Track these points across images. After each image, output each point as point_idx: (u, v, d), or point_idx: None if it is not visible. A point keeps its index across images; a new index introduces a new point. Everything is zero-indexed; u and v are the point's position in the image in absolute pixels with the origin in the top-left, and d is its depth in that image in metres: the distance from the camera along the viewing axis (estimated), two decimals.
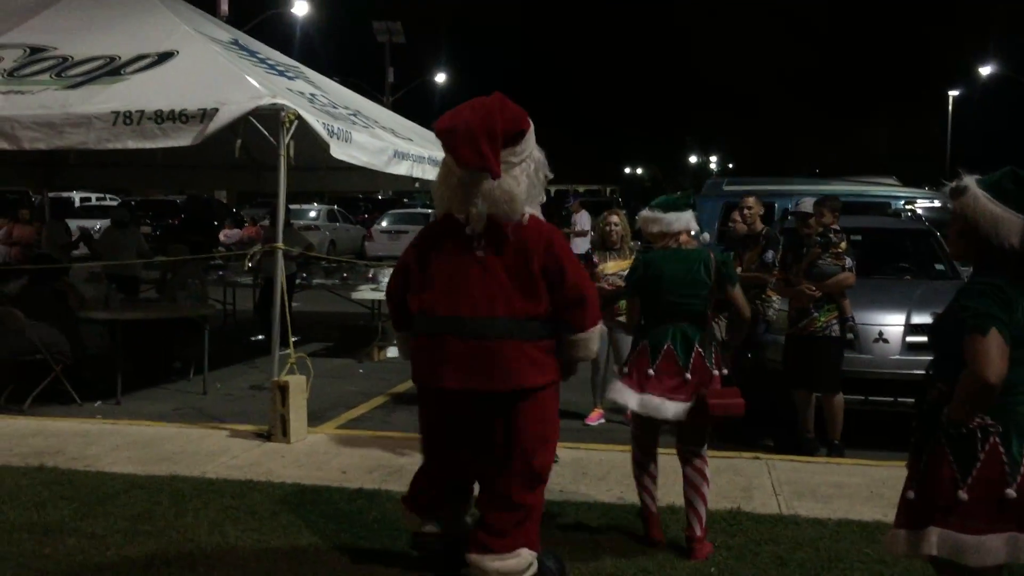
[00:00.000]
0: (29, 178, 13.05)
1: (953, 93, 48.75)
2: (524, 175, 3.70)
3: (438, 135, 3.80)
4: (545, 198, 4.00)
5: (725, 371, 4.64)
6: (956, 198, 2.90)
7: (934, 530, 2.83)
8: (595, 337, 3.92)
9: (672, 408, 4.50)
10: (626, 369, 4.68)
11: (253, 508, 5.06)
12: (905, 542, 2.93)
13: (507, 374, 3.73)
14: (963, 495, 2.78)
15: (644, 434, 4.78)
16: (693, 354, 4.54)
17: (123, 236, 10.88)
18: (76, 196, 26.51)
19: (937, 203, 11.83)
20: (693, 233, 4.94)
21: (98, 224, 22.28)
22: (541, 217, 3.86)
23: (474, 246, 3.72)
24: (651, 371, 4.54)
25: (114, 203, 24.24)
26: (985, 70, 40.86)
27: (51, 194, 14.30)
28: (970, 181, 2.87)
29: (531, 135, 3.77)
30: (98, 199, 26.62)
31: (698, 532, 4.57)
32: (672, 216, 4.71)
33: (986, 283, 2.78)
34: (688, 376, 4.51)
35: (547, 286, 3.73)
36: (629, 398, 4.58)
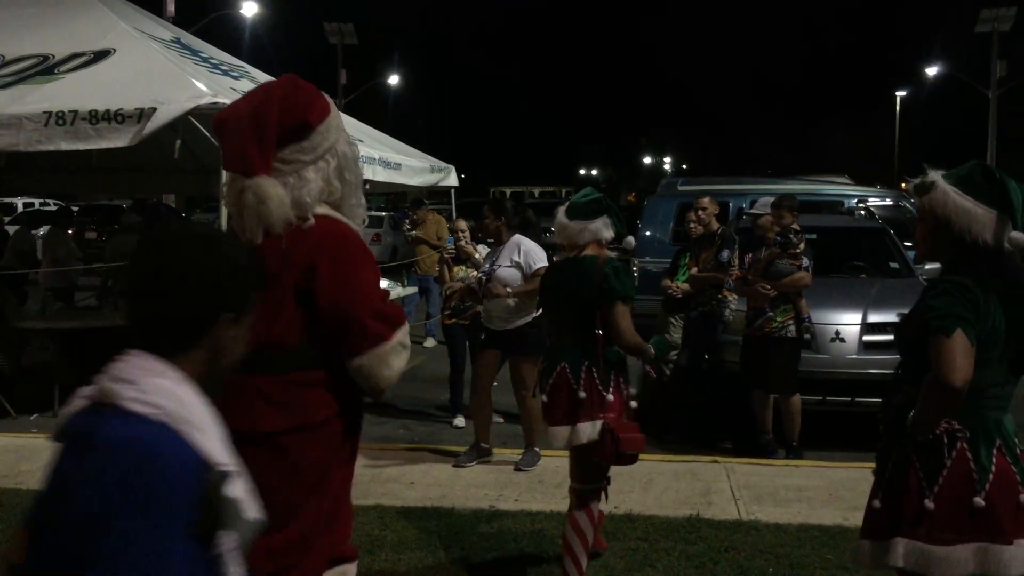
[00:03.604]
0: None
1: (900, 93, 49.55)
2: (318, 175, 2.84)
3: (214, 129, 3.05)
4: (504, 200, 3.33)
5: (633, 402, 4.10)
6: (923, 194, 2.77)
7: (900, 541, 2.70)
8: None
9: (580, 432, 3.94)
10: (582, 395, 3.97)
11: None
12: (870, 554, 2.80)
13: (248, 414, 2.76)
14: (929, 504, 2.66)
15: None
16: (582, 373, 3.95)
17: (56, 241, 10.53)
18: (19, 202, 25.87)
19: (889, 201, 11.89)
20: (611, 240, 4.21)
21: (41, 230, 21.80)
22: (340, 219, 2.91)
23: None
24: (544, 397, 4.07)
25: (54, 208, 23.69)
26: (931, 70, 41.51)
27: None
28: (936, 176, 2.75)
29: (328, 128, 2.92)
30: (42, 204, 25.97)
31: None
32: (577, 225, 4.10)
33: (952, 282, 2.67)
34: (582, 395, 3.93)
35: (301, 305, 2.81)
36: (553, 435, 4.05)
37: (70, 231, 13.06)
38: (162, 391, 1.50)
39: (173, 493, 1.40)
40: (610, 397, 3.93)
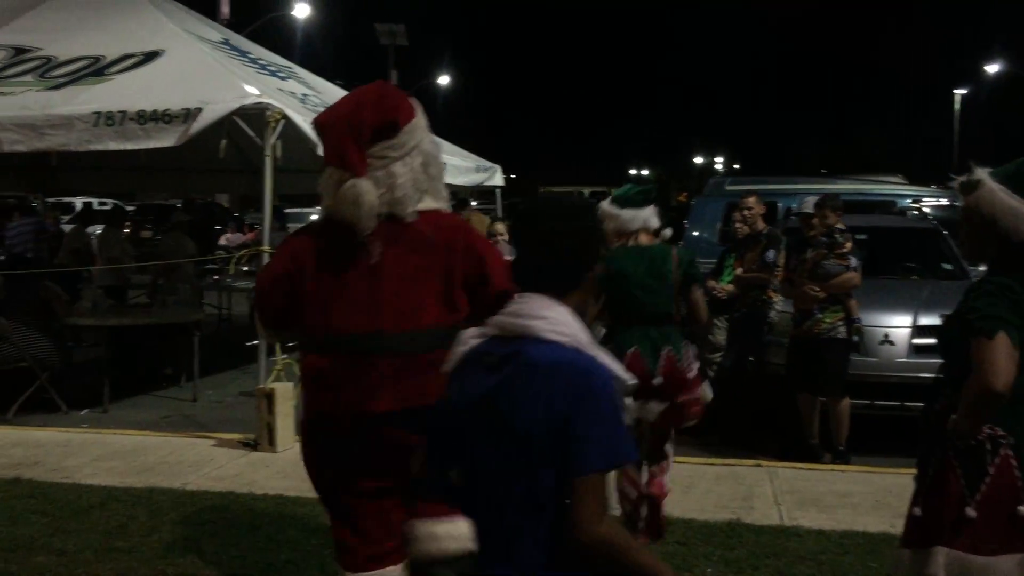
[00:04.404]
0: (26, 181, 12.89)
1: (960, 92, 48.44)
2: (406, 169, 3.14)
3: (316, 133, 3.33)
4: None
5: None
6: (969, 193, 2.68)
7: (941, 550, 2.61)
8: None
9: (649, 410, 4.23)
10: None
11: (232, 522, 4.87)
12: (910, 563, 2.71)
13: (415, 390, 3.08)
14: (971, 512, 2.56)
15: None
16: (662, 357, 4.25)
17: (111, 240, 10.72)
18: (78, 201, 26.42)
19: (944, 201, 11.61)
20: (654, 230, 4.53)
21: (100, 229, 22.25)
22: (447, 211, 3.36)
23: (365, 253, 3.13)
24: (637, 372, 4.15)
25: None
26: (992, 68, 40.54)
27: (52, 199, 14.17)
28: (983, 174, 2.65)
29: (414, 127, 3.24)
30: (99, 203, 26.50)
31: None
32: (628, 213, 4.41)
33: (995, 283, 2.57)
34: (659, 379, 4.21)
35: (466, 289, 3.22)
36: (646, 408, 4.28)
37: (125, 230, 13.28)
38: (565, 323, 1.96)
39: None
40: (692, 374, 4.31)
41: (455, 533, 2.93)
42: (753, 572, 4.31)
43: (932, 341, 6.47)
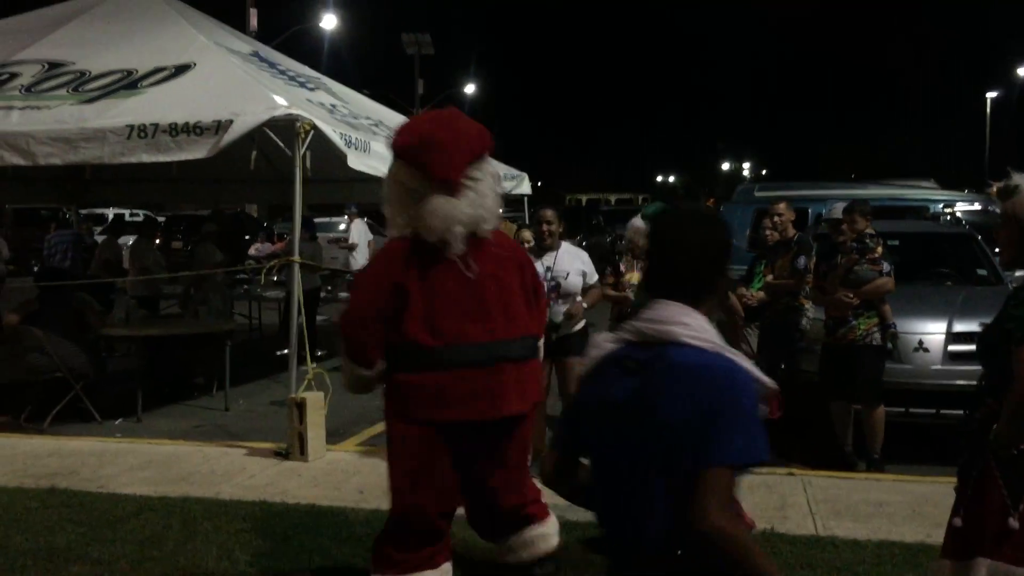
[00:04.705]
0: (59, 193, 13.05)
1: (991, 95, 47.92)
2: (491, 190, 3.55)
3: (409, 149, 3.52)
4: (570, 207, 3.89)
5: None
6: (1006, 199, 2.65)
7: (983, 561, 2.58)
8: None
9: None
10: None
11: (265, 531, 4.89)
12: (951, 574, 2.68)
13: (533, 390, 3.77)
14: (1014, 523, 2.53)
15: None
16: None
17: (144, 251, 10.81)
18: (110, 212, 26.72)
19: (977, 206, 11.47)
20: None
21: (131, 240, 22.47)
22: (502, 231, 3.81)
23: (460, 266, 3.47)
24: None
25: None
26: (1023, 71, 40.08)
27: (84, 211, 14.32)
28: (1021, 180, 2.62)
29: (490, 151, 3.69)
30: (131, 215, 26.79)
31: None
32: None
33: None
34: None
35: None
36: None
37: (156, 241, 13.41)
38: (704, 329, 2.05)
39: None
40: None
41: (553, 531, 3.78)
42: None
43: (967, 348, 6.41)
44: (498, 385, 3.50)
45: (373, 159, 7.36)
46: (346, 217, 16.92)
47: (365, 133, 7.62)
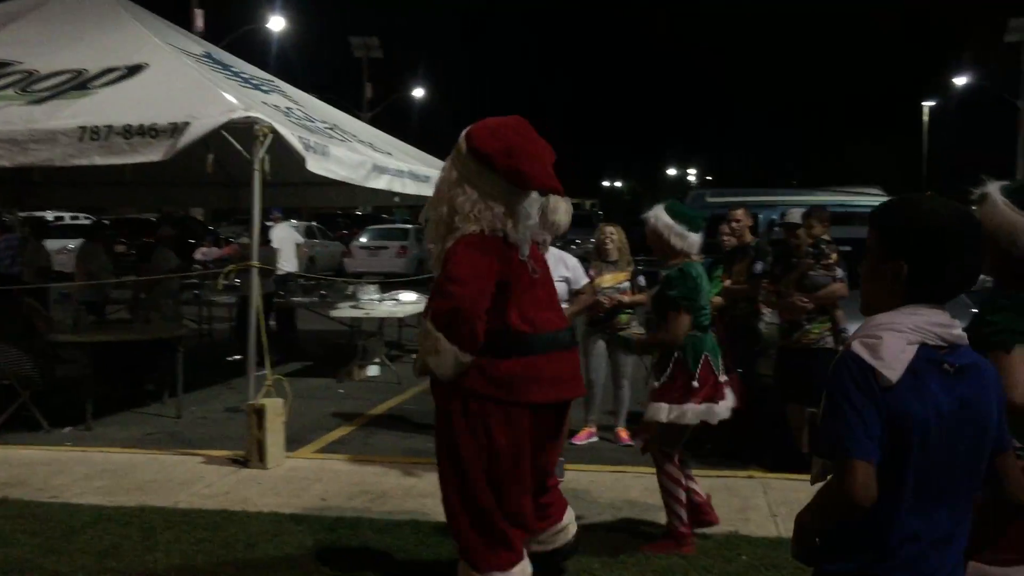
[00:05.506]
0: (3, 197, 12.68)
1: (928, 104, 49.10)
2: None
3: (499, 156, 3.74)
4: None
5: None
6: (976, 207, 2.71)
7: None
8: None
9: (723, 408, 4.83)
10: (696, 383, 4.73)
11: (227, 540, 4.81)
12: None
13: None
14: (992, 524, 2.58)
15: (678, 443, 4.89)
16: (720, 361, 4.90)
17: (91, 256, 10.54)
18: (50, 215, 26.11)
19: None
20: None
21: (71, 244, 21.94)
22: None
23: (527, 263, 3.86)
24: (709, 379, 4.78)
25: (87, 222, 23.91)
26: (960, 81, 41.14)
27: (23, 213, 13.97)
28: (992, 188, 2.68)
29: None
30: (72, 218, 26.21)
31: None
32: (696, 237, 4.94)
33: (1010, 297, 2.59)
34: (722, 379, 4.88)
35: None
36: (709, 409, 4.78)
37: (112, 246, 13.08)
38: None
39: None
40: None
41: (572, 520, 4.18)
42: None
43: None
44: (573, 368, 4.01)
45: (331, 163, 7.29)
46: (271, 221, 16.42)
47: (322, 136, 7.55)
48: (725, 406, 4.85)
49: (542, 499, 4.03)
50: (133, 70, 7.35)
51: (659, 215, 4.85)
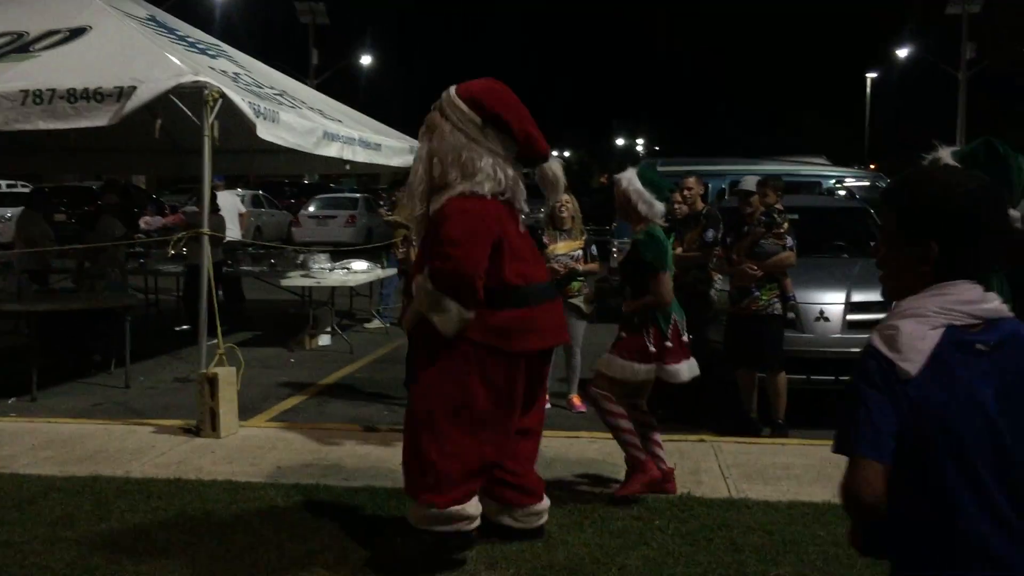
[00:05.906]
0: None
1: (871, 75, 49.78)
2: None
3: (502, 118, 4.06)
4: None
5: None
6: None
7: None
8: None
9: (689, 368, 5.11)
10: (669, 343, 5.00)
11: (182, 509, 4.78)
12: None
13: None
14: None
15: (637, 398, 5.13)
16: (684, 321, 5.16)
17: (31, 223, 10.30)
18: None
19: (866, 182, 11.95)
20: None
21: (8, 212, 21.35)
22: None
23: (517, 221, 4.19)
24: (668, 343, 5.01)
25: (26, 190, 23.29)
26: (902, 52, 41.77)
27: None
28: (944, 153, 2.75)
29: None
30: (8, 186, 25.50)
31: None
32: (661, 207, 5.05)
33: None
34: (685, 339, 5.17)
35: None
36: (682, 370, 5.06)
37: (55, 214, 12.77)
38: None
39: None
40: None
41: (546, 508, 4.51)
42: (708, 544, 4.41)
43: (865, 317, 6.72)
44: (560, 317, 4.36)
45: (281, 129, 7.19)
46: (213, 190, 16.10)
47: (271, 103, 7.43)
48: (691, 365, 5.11)
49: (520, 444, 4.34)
50: (76, 32, 7.17)
51: (631, 179, 4.90)
